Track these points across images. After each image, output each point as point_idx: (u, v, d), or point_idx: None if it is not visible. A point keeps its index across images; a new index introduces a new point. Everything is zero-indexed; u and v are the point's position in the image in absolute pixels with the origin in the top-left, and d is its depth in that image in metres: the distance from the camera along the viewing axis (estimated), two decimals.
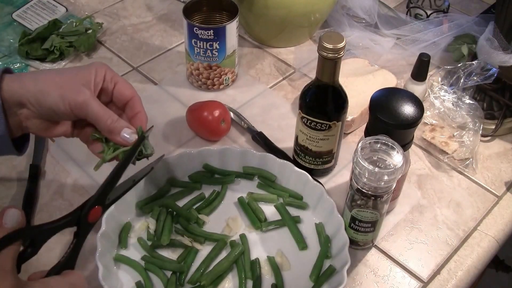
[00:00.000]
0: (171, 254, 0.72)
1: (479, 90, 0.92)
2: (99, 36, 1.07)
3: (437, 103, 0.90)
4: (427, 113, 0.90)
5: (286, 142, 0.86)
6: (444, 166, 0.86)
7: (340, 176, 0.83)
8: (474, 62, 0.89)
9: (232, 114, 0.90)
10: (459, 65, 0.91)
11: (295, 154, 0.82)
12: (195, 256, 0.71)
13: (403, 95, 0.69)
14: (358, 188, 0.66)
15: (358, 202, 0.67)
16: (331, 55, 0.67)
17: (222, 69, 0.93)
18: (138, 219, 0.75)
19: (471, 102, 0.89)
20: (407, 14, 1.12)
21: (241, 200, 0.77)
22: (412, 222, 0.78)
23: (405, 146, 0.68)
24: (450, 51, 1.01)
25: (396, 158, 0.63)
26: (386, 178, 0.62)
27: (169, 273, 0.69)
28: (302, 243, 0.73)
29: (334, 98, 0.73)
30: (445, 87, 0.91)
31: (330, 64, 0.69)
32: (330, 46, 0.67)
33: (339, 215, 0.71)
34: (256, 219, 0.75)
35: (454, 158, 0.86)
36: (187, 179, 0.80)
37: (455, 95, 0.90)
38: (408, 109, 0.67)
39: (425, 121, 0.90)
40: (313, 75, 0.73)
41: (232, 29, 0.89)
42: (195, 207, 0.76)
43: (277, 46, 1.07)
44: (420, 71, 0.89)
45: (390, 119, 0.66)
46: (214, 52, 0.90)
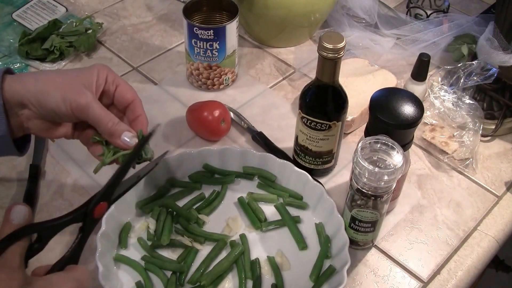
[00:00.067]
0: (171, 254, 0.72)
1: (479, 90, 0.92)
2: (99, 36, 1.07)
3: (437, 103, 0.90)
4: (427, 113, 0.90)
5: (286, 142, 0.86)
6: (444, 166, 0.86)
7: (340, 176, 0.83)
8: (474, 62, 0.89)
9: (232, 114, 0.90)
10: (459, 65, 0.91)
11: (295, 154, 0.82)
12: (195, 256, 0.71)
13: (403, 95, 0.69)
14: (358, 188, 0.66)
15: (358, 202, 0.67)
16: (331, 55, 0.67)
17: (222, 69, 0.93)
18: (138, 219, 0.75)
19: (471, 102, 0.89)
20: (407, 14, 1.12)
21: (241, 200, 0.77)
22: (412, 222, 0.78)
23: (405, 146, 0.68)
24: (450, 51, 1.01)
25: (396, 158, 0.63)
26: (386, 178, 0.62)
27: (169, 273, 0.69)
28: (302, 243, 0.73)
29: (334, 98, 0.73)
30: (445, 87, 0.91)
31: (330, 64, 0.69)
32: (330, 46, 0.67)
33: (339, 215, 0.71)
34: (256, 219, 0.75)
35: (454, 158, 0.86)
36: (187, 179, 0.80)
37: (455, 95, 0.90)
38: (408, 109, 0.67)
39: (425, 121, 0.90)
40: (313, 75, 0.73)
41: (232, 29, 0.89)
42: (195, 207, 0.76)
43: (277, 46, 1.07)
44: (420, 71, 0.89)
45: (390, 119, 0.66)
46: (214, 52, 0.90)
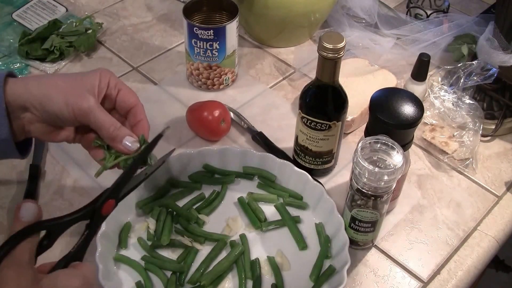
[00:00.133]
0: (171, 254, 0.72)
1: (479, 90, 0.92)
2: (99, 36, 1.07)
3: (437, 103, 0.90)
4: (427, 113, 0.90)
5: (286, 142, 0.86)
6: (444, 166, 0.86)
7: (340, 176, 0.83)
8: (474, 62, 0.89)
9: (232, 114, 0.90)
10: (459, 65, 0.91)
11: (295, 154, 0.82)
12: (195, 256, 0.71)
13: (403, 95, 0.69)
14: (358, 188, 0.66)
15: (358, 202, 0.67)
16: (331, 55, 0.67)
17: (222, 69, 0.93)
18: (138, 219, 0.75)
19: (471, 102, 0.89)
20: (407, 14, 1.12)
21: (241, 200, 0.77)
22: (412, 222, 0.78)
23: (405, 146, 0.68)
24: (450, 51, 1.01)
25: (396, 158, 0.63)
26: (386, 178, 0.62)
27: (169, 273, 0.69)
28: (302, 243, 0.73)
29: (334, 98, 0.73)
30: (445, 87, 0.91)
31: (330, 64, 0.69)
32: (330, 46, 0.67)
33: (339, 215, 0.71)
34: (256, 219, 0.75)
35: (454, 158, 0.86)
36: (187, 179, 0.80)
37: (455, 95, 0.90)
38: (408, 109, 0.67)
39: (425, 121, 0.90)
40: (313, 75, 0.73)
41: (232, 29, 0.89)
42: (195, 207, 0.76)
43: (277, 46, 1.07)
44: (420, 71, 0.89)
45: (390, 119, 0.66)
46: (214, 52, 0.90)
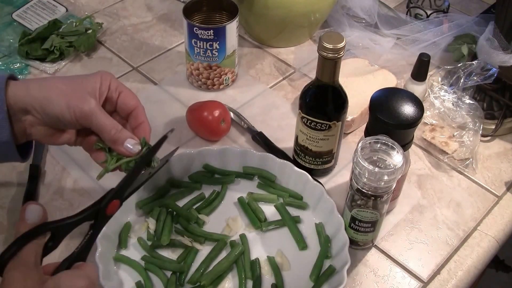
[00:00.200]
0: (171, 254, 0.72)
1: (479, 90, 0.92)
2: (99, 36, 1.07)
3: (437, 103, 0.90)
4: (427, 113, 0.90)
5: (286, 142, 0.86)
6: (444, 166, 0.86)
7: (340, 176, 0.83)
8: (474, 62, 0.89)
9: (232, 114, 0.90)
10: (459, 65, 0.91)
11: (295, 154, 0.82)
12: (195, 256, 0.71)
13: (403, 95, 0.69)
14: (358, 188, 0.66)
15: (358, 202, 0.67)
16: (331, 55, 0.67)
17: (222, 69, 0.93)
18: (138, 219, 0.75)
19: (471, 102, 0.89)
20: (407, 14, 1.12)
21: (241, 200, 0.77)
22: (412, 222, 0.78)
23: (405, 146, 0.68)
24: (450, 51, 1.01)
25: (396, 158, 0.63)
26: (386, 178, 0.62)
27: (169, 273, 0.69)
28: (302, 243, 0.73)
29: (334, 98, 0.73)
30: (445, 87, 0.91)
31: (330, 64, 0.69)
32: (330, 46, 0.67)
33: (339, 215, 0.71)
34: (256, 219, 0.75)
35: (454, 158, 0.86)
36: (187, 179, 0.80)
37: (455, 95, 0.90)
38: (408, 109, 0.67)
39: (425, 121, 0.90)
40: (313, 75, 0.73)
41: (232, 29, 0.89)
42: (195, 207, 0.76)
43: (277, 46, 1.07)
44: (420, 71, 0.89)
45: (390, 119, 0.66)
46: (214, 52, 0.90)
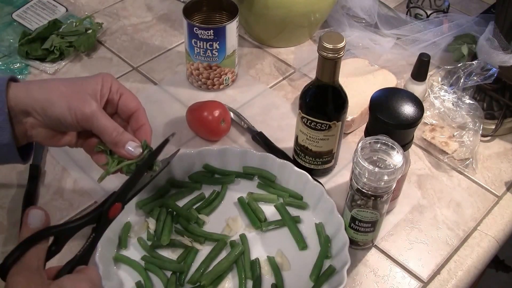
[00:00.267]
0: (171, 254, 0.72)
1: (479, 90, 0.92)
2: (99, 36, 1.07)
3: (437, 103, 0.90)
4: (427, 113, 0.90)
5: (286, 142, 0.86)
6: (444, 166, 0.86)
7: (340, 176, 0.83)
8: (474, 62, 0.89)
9: (232, 114, 0.90)
10: (459, 65, 0.91)
11: (295, 154, 0.82)
12: (195, 256, 0.71)
13: (403, 95, 0.69)
14: (358, 188, 0.66)
15: (358, 202, 0.67)
16: (331, 55, 0.67)
17: (222, 69, 0.93)
18: (138, 219, 0.75)
19: (471, 102, 0.89)
20: (407, 14, 1.12)
21: (241, 200, 0.77)
22: (412, 222, 0.78)
23: (405, 146, 0.68)
24: (450, 51, 1.01)
25: (396, 158, 0.63)
26: (386, 178, 0.62)
27: (169, 273, 0.69)
28: (302, 243, 0.73)
29: (334, 98, 0.73)
30: (445, 87, 0.91)
31: (330, 64, 0.69)
32: (330, 46, 0.67)
33: (339, 215, 0.71)
34: (256, 219, 0.75)
35: (454, 158, 0.86)
36: (187, 179, 0.80)
37: (455, 95, 0.90)
38: (408, 109, 0.67)
39: (425, 121, 0.90)
40: (313, 75, 0.73)
41: (232, 29, 0.89)
42: (195, 207, 0.76)
43: (277, 46, 1.07)
44: (420, 71, 0.89)
45: (390, 119, 0.66)
46: (214, 52, 0.90)
